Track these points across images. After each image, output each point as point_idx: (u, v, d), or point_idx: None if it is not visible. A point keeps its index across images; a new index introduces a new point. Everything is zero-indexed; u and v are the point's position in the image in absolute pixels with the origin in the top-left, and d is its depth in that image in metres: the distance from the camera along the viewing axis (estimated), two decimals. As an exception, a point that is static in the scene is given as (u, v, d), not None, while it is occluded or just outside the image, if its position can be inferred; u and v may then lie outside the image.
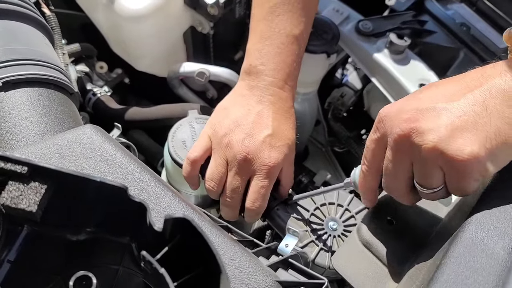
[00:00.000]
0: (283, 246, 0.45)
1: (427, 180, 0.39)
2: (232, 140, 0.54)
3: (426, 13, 0.76)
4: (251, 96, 0.57)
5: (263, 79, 0.57)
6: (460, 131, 0.36)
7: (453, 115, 0.37)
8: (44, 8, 0.70)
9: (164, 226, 0.31)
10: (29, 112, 0.47)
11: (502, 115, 0.36)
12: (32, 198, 0.30)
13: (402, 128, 0.39)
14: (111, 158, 0.42)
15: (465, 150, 0.35)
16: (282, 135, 0.56)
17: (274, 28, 0.58)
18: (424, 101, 0.40)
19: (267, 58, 0.57)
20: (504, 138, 0.36)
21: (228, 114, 0.57)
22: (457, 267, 0.34)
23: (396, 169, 0.41)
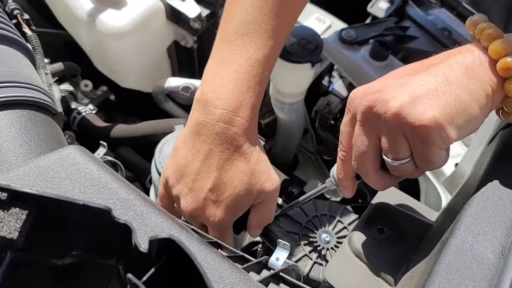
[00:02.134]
0: (273, 259, 0.45)
1: (394, 150, 0.40)
2: (178, 195, 0.52)
3: (408, 19, 0.76)
4: (198, 136, 0.51)
5: (210, 111, 0.50)
6: (421, 98, 0.38)
7: (416, 84, 0.39)
8: (25, 29, 0.70)
9: (149, 247, 0.30)
10: (10, 135, 0.47)
11: (462, 85, 0.38)
12: (13, 225, 0.29)
13: (368, 99, 0.40)
14: (95, 179, 0.41)
15: (426, 114, 0.37)
16: (226, 186, 0.50)
17: (235, 50, 0.51)
18: (390, 77, 0.42)
19: (220, 84, 0.50)
20: (464, 106, 0.37)
21: (177, 160, 0.52)
22: (448, 274, 0.34)
23: (364, 142, 0.42)
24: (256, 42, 0.51)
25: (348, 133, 0.45)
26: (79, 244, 0.33)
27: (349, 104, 0.44)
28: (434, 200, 0.63)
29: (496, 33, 0.39)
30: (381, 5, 0.77)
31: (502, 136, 0.47)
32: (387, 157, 0.41)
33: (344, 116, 0.45)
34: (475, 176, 0.46)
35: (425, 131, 0.37)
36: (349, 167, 0.47)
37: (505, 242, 0.36)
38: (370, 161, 0.43)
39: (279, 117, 0.80)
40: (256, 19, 0.51)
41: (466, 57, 0.39)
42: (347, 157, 0.46)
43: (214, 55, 0.54)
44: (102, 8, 0.73)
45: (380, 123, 0.40)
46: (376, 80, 0.43)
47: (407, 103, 0.38)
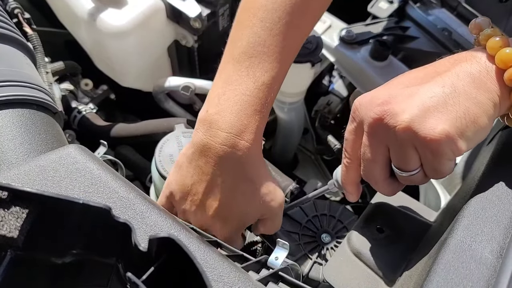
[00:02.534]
0: (273, 259, 0.45)
1: (404, 162, 0.40)
2: (186, 210, 0.52)
3: (408, 19, 0.76)
4: (202, 157, 0.50)
5: (215, 133, 0.49)
6: (431, 111, 0.37)
7: (424, 96, 0.38)
8: (26, 28, 0.70)
9: (149, 246, 0.30)
10: (11, 134, 0.47)
11: (470, 96, 0.37)
12: (13, 223, 0.29)
13: (376, 112, 0.40)
14: (95, 178, 0.42)
15: (437, 129, 0.37)
16: (231, 205, 0.51)
17: (242, 72, 0.50)
18: (395, 86, 0.41)
19: (226, 107, 0.49)
20: (473, 117, 0.37)
21: (183, 177, 0.52)
22: (446, 274, 0.34)
23: (373, 153, 0.42)
24: (264, 65, 0.50)
25: (354, 141, 0.45)
26: (79, 242, 0.33)
27: (354, 113, 0.43)
28: (434, 200, 0.63)
29: (503, 41, 0.38)
30: (381, 5, 0.77)
31: (501, 137, 0.47)
32: (397, 168, 0.42)
33: (348, 123, 0.45)
34: (474, 176, 0.46)
35: (436, 144, 0.37)
36: (354, 174, 0.47)
37: (503, 242, 0.36)
38: (379, 171, 0.43)
39: (279, 116, 0.80)
40: (265, 41, 0.50)
41: (472, 65, 0.39)
42: (352, 164, 0.46)
43: (220, 75, 0.52)
44: (102, 7, 0.73)
45: (389, 135, 0.40)
46: (381, 87, 0.43)
47: (417, 116, 0.37)
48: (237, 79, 0.50)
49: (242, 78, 0.50)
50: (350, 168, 0.47)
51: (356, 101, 0.43)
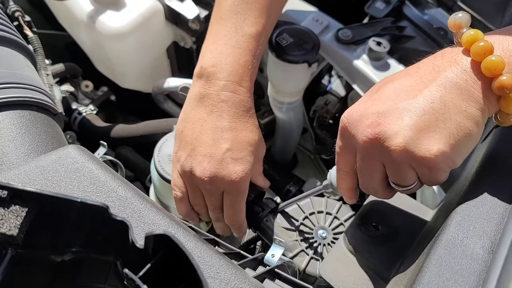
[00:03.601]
0: (269, 256, 0.46)
1: (402, 180, 0.41)
2: (193, 168, 0.53)
3: (405, 19, 0.77)
4: (202, 108, 0.54)
5: (214, 83, 0.53)
6: (424, 131, 0.37)
7: (415, 115, 0.38)
8: (27, 30, 0.71)
9: (145, 243, 0.31)
10: (12, 135, 0.48)
11: (460, 109, 0.37)
12: (13, 221, 0.30)
13: (367, 135, 0.40)
14: (94, 177, 0.42)
15: (432, 149, 0.37)
16: (242, 143, 0.54)
17: (230, 27, 0.55)
18: (383, 101, 0.40)
19: (219, 59, 0.54)
20: (465, 131, 0.37)
21: (185, 138, 0.55)
22: (438, 269, 0.35)
23: (369, 171, 0.43)
24: (249, 20, 0.55)
25: (345, 156, 0.45)
26: (78, 240, 0.34)
27: (344, 130, 0.43)
28: (430, 198, 0.63)
29: (487, 46, 0.37)
30: (378, 5, 0.77)
31: (495, 135, 0.48)
32: (395, 184, 0.42)
33: (338, 138, 0.45)
34: (468, 173, 0.47)
35: (433, 163, 0.38)
36: (350, 182, 0.47)
37: (494, 237, 0.37)
38: (378, 185, 0.43)
39: (278, 116, 0.81)
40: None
41: (458, 74, 0.38)
42: (346, 174, 0.46)
43: (210, 33, 0.57)
44: (101, 9, 0.74)
45: (384, 156, 0.40)
46: (367, 100, 0.42)
47: (411, 139, 0.37)
48: (226, 34, 0.54)
49: (231, 34, 0.54)
50: (345, 178, 0.47)
51: (344, 118, 0.43)
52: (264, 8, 0.55)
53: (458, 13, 0.40)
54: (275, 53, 0.66)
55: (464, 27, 0.39)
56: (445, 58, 0.39)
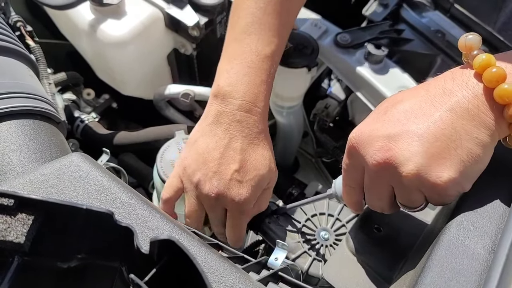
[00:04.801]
0: (272, 259, 0.46)
1: (410, 202, 0.41)
2: (201, 180, 0.54)
3: (403, 22, 0.77)
4: (218, 125, 0.55)
5: (230, 102, 0.55)
6: (435, 158, 0.37)
7: (426, 140, 0.38)
8: (29, 40, 0.71)
9: (150, 249, 0.31)
10: (16, 144, 0.48)
11: (471, 136, 0.37)
12: (20, 229, 0.31)
13: (377, 159, 0.40)
14: (98, 184, 0.43)
15: (443, 177, 0.37)
16: (251, 167, 0.55)
17: (245, 47, 0.56)
18: (393, 124, 0.40)
19: (236, 79, 0.55)
20: (476, 158, 0.37)
21: (197, 149, 0.55)
22: (440, 270, 0.35)
23: (377, 192, 0.43)
24: (263, 40, 0.56)
25: (351, 174, 0.45)
26: (84, 247, 0.34)
27: (352, 149, 0.43)
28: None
29: (500, 73, 0.37)
30: (376, 9, 0.78)
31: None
32: (402, 204, 0.42)
33: (345, 156, 0.45)
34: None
35: (443, 190, 0.38)
36: (355, 197, 0.47)
37: (495, 237, 0.37)
38: (385, 204, 0.44)
39: (278, 120, 0.82)
40: (261, 19, 0.56)
41: (470, 100, 0.37)
42: (353, 189, 0.47)
43: (225, 54, 0.58)
44: (102, 18, 0.75)
45: (394, 179, 0.40)
46: (375, 120, 0.42)
47: (422, 166, 0.38)
48: (241, 54, 0.56)
49: (246, 53, 0.56)
50: (352, 193, 0.47)
51: (352, 137, 0.43)
52: (277, 29, 0.57)
53: (468, 34, 0.40)
54: (274, 58, 0.66)
55: (475, 49, 0.39)
56: (456, 81, 0.39)
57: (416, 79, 0.68)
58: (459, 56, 0.70)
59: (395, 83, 0.67)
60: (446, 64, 0.71)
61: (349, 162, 0.45)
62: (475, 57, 0.38)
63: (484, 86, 0.37)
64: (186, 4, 0.76)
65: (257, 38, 0.56)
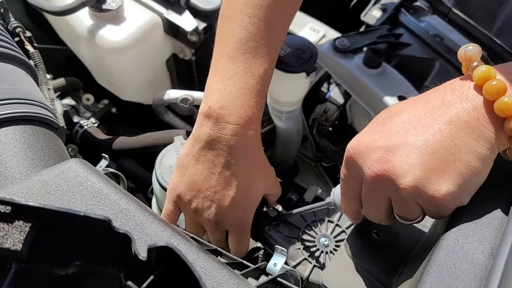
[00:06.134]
0: (271, 265, 0.46)
1: (408, 214, 0.41)
2: (198, 209, 0.54)
3: (401, 26, 0.78)
4: (211, 150, 0.53)
5: (223, 126, 0.52)
6: (434, 171, 0.37)
7: (425, 153, 0.37)
8: (28, 46, 0.72)
9: (148, 255, 0.31)
10: (14, 150, 0.48)
11: (470, 149, 0.37)
12: (17, 237, 0.30)
13: (375, 170, 0.39)
14: (97, 191, 0.43)
15: (441, 190, 0.37)
16: (248, 191, 0.54)
17: (239, 66, 0.53)
18: (392, 135, 0.40)
19: (229, 101, 0.52)
20: (475, 171, 0.37)
21: (190, 176, 0.54)
22: (439, 275, 0.35)
23: (374, 204, 0.43)
24: (258, 59, 0.53)
25: (349, 184, 0.45)
26: (82, 254, 0.34)
27: (350, 160, 0.43)
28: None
29: (500, 86, 0.36)
30: (374, 13, 0.78)
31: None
32: (399, 216, 0.42)
33: (343, 166, 0.45)
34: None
35: (441, 203, 0.38)
36: (353, 206, 0.47)
37: (494, 243, 0.37)
38: (382, 215, 0.44)
39: (277, 125, 0.82)
40: (255, 36, 0.53)
41: (469, 113, 0.37)
42: (350, 199, 0.47)
43: (216, 70, 0.54)
44: (101, 24, 0.75)
45: (391, 191, 0.40)
46: (374, 131, 0.42)
47: (421, 178, 0.37)
48: (235, 74, 0.52)
49: (240, 73, 0.52)
50: (350, 203, 0.47)
51: (350, 148, 0.42)
52: (270, 46, 0.55)
53: (468, 45, 0.40)
54: (273, 63, 0.66)
55: (475, 60, 0.39)
56: (455, 93, 0.39)
57: (415, 84, 0.68)
58: (457, 60, 0.70)
59: (394, 88, 0.67)
60: (444, 69, 0.71)
61: (347, 173, 0.44)
62: (475, 69, 0.38)
63: (484, 98, 0.37)
64: (185, 9, 0.76)
65: (251, 57, 0.53)
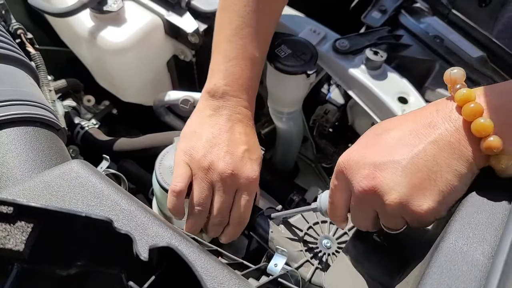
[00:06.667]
0: (272, 266, 0.46)
1: (392, 225, 0.44)
2: (213, 161, 0.56)
3: (401, 28, 0.78)
4: (219, 115, 0.60)
5: (229, 99, 0.61)
6: (417, 189, 0.40)
7: (409, 171, 0.40)
8: (29, 47, 0.72)
9: (149, 256, 0.31)
10: (16, 151, 0.48)
11: (451, 168, 0.40)
12: (19, 237, 0.31)
13: (363, 186, 0.42)
14: (98, 191, 0.43)
15: (423, 206, 0.40)
16: (255, 149, 0.61)
17: (239, 49, 0.61)
18: (380, 152, 0.43)
19: (231, 80, 0.61)
20: (453, 188, 0.40)
21: (200, 137, 0.59)
22: (439, 277, 0.35)
23: (362, 214, 0.46)
24: (254, 43, 0.62)
25: (338, 195, 0.48)
26: (83, 254, 0.34)
27: (339, 174, 0.46)
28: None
29: (476, 108, 0.39)
30: (374, 15, 0.78)
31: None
32: (385, 227, 0.45)
33: (333, 177, 0.48)
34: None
35: (422, 218, 0.41)
36: (342, 214, 0.50)
37: (494, 244, 0.37)
38: (368, 224, 0.47)
39: (278, 126, 0.82)
40: (251, 22, 0.61)
41: (452, 134, 0.40)
42: (338, 207, 0.49)
43: (217, 54, 0.63)
44: (102, 25, 0.75)
45: (378, 205, 0.42)
46: (364, 145, 0.45)
47: (405, 195, 0.40)
48: (235, 56, 0.61)
49: (240, 56, 0.61)
50: (338, 210, 0.50)
51: (341, 162, 0.45)
52: (265, 31, 0.63)
53: (454, 69, 0.43)
54: (273, 65, 0.67)
55: (459, 83, 0.42)
56: (439, 113, 0.41)
57: (415, 85, 0.68)
58: (457, 61, 0.71)
59: (394, 89, 0.67)
60: (444, 70, 0.69)
61: (337, 184, 0.47)
62: (457, 91, 0.40)
63: (463, 119, 0.40)
64: (185, 11, 0.77)
65: (248, 41, 0.61)
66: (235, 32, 0.61)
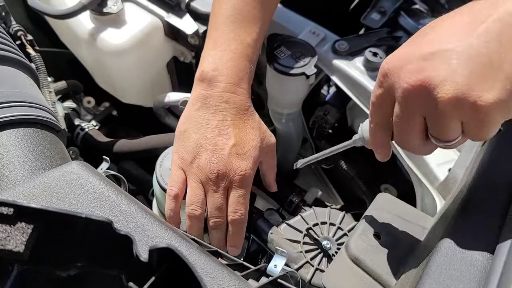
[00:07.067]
0: (272, 266, 0.46)
1: (444, 133, 0.36)
2: (200, 163, 0.56)
3: (400, 29, 0.78)
4: (206, 108, 0.58)
5: (215, 85, 0.58)
6: (477, 76, 0.32)
7: (466, 57, 0.33)
8: (29, 49, 0.72)
9: (149, 257, 0.32)
10: (16, 152, 0.48)
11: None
12: (19, 238, 0.31)
13: (410, 82, 0.35)
14: (98, 193, 0.43)
15: (487, 96, 0.32)
16: (246, 140, 0.58)
17: (229, 34, 0.60)
18: (429, 44, 0.36)
19: (220, 64, 0.58)
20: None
21: (189, 137, 0.58)
22: (438, 276, 0.35)
23: (407, 124, 0.38)
24: (246, 28, 0.60)
25: (379, 108, 0.41)
26: (83, 255, 0.34)
27: (383, 77, 0.39)
28: (430, 206, 0.64)
29: None
30: (373, 16, 0.79)
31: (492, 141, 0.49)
32: (434, 138, 0.38)
33: (375, 87, 0.41)
34: (466, 180, 0.47)
35: (484, 114, 0.33)
36: (382, 137, 0.43)
37: (493, 244, 0.37)
38: (414, 139, 0.39)
39: (278, 127, 0.82)
40: (243, 10, 0.60)
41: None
42: (379, 129, 0.43)
43: (209, 40, 0.61)
44: (102, 27, 0.75)
45: (427, 106, 0.35)
46: (412, 43, 0.38)
47: (461, 85, 0.33)
48: (225, 41, 0.59)
49: (230, 40, 0.59)
50: (377, 132, 0.43)
51: (385, 63, 0.39)
52: (258, 18, 0.61)
53: None
54: (273, 66, 0.67)
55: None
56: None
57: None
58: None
59: (393, 90, 0.67)
60: None
61: (379, 93, 0.40)
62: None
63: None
64: (185, 12, 0.77)
65: (239, 27, 0.60)
66: (226, 19, 0.60)
